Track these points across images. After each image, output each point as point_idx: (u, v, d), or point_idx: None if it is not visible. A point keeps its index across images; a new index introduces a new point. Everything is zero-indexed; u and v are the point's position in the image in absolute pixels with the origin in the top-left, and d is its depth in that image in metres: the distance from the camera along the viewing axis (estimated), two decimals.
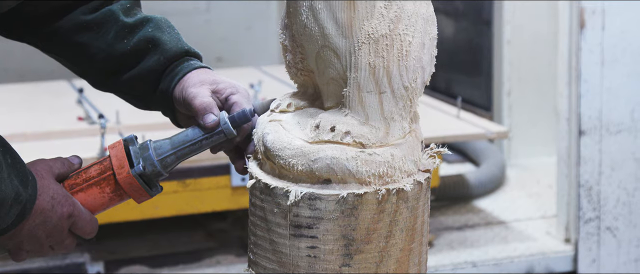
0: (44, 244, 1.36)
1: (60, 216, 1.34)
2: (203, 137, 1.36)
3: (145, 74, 1.45)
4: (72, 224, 1.37)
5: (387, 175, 1.23)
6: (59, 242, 1.37)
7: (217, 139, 1.36)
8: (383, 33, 1.20)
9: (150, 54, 1.45)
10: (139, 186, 1.36)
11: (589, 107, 3.23)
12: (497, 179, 3.98)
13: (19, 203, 1.28)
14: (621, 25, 3.19)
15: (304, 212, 1.23)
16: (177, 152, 1.36)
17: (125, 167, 1.35)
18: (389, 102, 1.23)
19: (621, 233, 3.33)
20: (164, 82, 1.44)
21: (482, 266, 3.26)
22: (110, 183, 1.36)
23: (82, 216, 1.38)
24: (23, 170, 1.30)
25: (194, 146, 1.37)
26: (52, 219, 1.34)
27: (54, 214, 1.34)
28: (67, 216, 1.35)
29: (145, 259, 3.22)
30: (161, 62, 1.44)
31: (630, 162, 3.29)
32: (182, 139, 1.37)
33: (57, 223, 1.34)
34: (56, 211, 1.34)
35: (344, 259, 1.23)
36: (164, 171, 1.37)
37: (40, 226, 1.33)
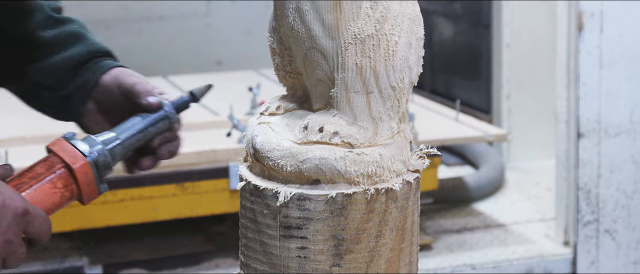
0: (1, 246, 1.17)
1: (15, 213, 1.17)
2: (148, 124, 1.33)
3: (62, 63, 1.38)
4: (28, 224, 1.20)
5: (375, 175, 1.23)
6: (12, 252, 1.18)
7: (162, 126, 1.34)
8: (369, 33, 1.21)
9: (73, 46, 1.39)
10: (93, 178, 1.28)
11: (587, 110, 3.23)
12: (496, 182, 3.99)
13: None
14: (619, 28, 3.20)
15: (293, 213, 1.23)
16: (124, 142, 1.32)
17: (78, 156, 1.27)
18: (377, 102, 1.23)
19: (620, 235, 3.33)
20: (87, 72, 1.38)
21: (481, 268, 3.26)
22: (63, 177, 1.26)
23: (37, 213, 1.21)
24: None
25: (140, 134, 1.33)
26: (6, 217, 1.16)
27: (8, 211, 1.17)
28: (21, 213, 1.18)
29: (144, 262, 3.22)
30: (84, 53, 1.39)
31: (629, 165, 3.29)
32: (127, 127, 1.33)
33: (11, 223, 1.17)
34: (9, 207, 1.17)
35: (334, 259, 1.24)
36: (113, 163, 1.31)
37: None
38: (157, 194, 3.04)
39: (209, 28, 4.97)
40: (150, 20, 4.85)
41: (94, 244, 3.33)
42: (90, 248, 3.28)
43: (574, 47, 3.21)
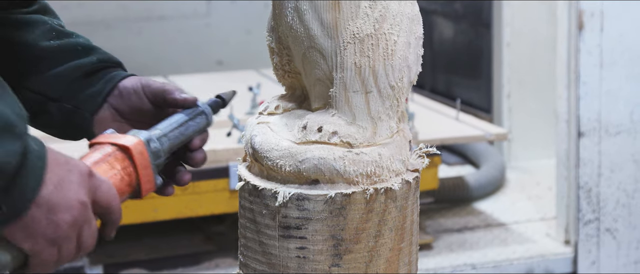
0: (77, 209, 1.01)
1: (81, 172, 1.02)
2: (188, 118, 1.26)
3: (70, 72, 1.30)
4: (96, 190, 1.06)
5: (375, 174, 1.23)
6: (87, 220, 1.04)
7: (200, 122, 1.28)
8: (368, 33, 1.21)
9: (81, 56, 1.32)
10: (149, 161, 1.17)
11: (588, 109, 3.23)
12: (496, 181, 3.98)
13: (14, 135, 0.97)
14: (620, 27, 3.19)
15: (292, 213, 1.23)
16: (168, 134, 1.23)
17: (129, 138, 1.17)
18: (376, 101, 1.23)
19: (621, 234, 3.32)
20: (100, 81, 1.30)
21: (481, 268, 3.26)
22: (119, 158, 1.15)
23: (102, 179, 1.08)
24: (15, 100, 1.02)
25: (182, 127, 1.25)
26: (74, 174, 1.02)
27: (75, 169, 1.02)
28: (87, 173, 1.04)
29: (144, 262, 3.22)
30: (94, 62, 1.32)
31: (630, 164, 3.29)
32: (167, 123, 1.25)
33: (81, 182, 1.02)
34: (75, 166, 1.02)
35: (333, 259, 1.23)
36: (162, 152, 1.20)
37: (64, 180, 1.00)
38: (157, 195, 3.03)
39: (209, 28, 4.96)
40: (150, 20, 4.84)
41: None
42: None
43: (574, 47, 3.20)
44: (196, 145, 1.28)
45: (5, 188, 0.96)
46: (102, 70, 1.32)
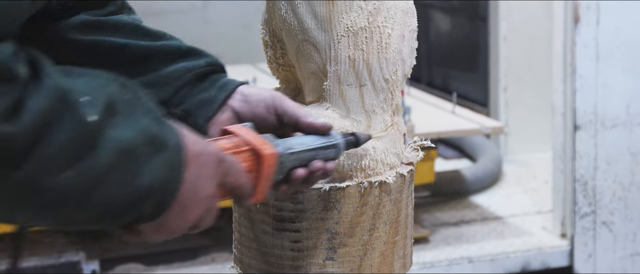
0: (206, 204, 1.01)
1: (212, 161, 1.00)
2: (320, 146, 1.15)
3: (179, 74, 1.22)
4: (226, 174, 1.03)
5: (369, 168, 1.23)
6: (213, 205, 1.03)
7: (330, 153, 1.16)
8: (362, 26, 1.20)
9: (188, 59, 1.23)
10: (272, 175, 1.10)
11: (584, 102, 3.23)
12: (493, 175, 3.99)
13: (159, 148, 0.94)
14: (616, 21, 3.19)
15: (287, 206, 1.23)
16: (299, 154, 1.13)
17: (268, 145, 1.10)
18: (370, 95, 1.23)
19: (617, 227, 3.33)
20: (213, 87, 1.22)
21: (478, 261, 3.26)
22: (249, 159, 1.09)
23: (233, 161, 1.05)
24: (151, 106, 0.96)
25: (313, 152, 1.14)
26: (207, 167, 1.00)
27: (208, 160, 1.00)
28: (217, 160, 1.01)
29: (140, 257, 3.22)
30: (202, 65, 1.23)
31: (626, 157, 3.29)
32: (299, 142, 1.14)
33: (212, 172, 1.00)
34: (206, 156, 1.00)
35: (327, 253, 1.23)
36: (285, 171, 1.13)
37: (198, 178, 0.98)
38: None
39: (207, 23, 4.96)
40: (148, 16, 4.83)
41: (91, 239, 3.32)
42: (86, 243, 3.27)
43: (570, 40, 3.20)
44: (315, 167, 1.15)
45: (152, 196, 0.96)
46: (211, 74, 1.25)
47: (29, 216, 0.90)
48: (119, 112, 0.90)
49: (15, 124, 0.82)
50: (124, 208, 0.93)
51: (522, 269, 3.32)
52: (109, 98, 0.89)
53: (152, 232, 0.99)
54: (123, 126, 0.90)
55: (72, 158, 0.86)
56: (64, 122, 0.85)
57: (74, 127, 0.85)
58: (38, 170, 0.85)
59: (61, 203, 0.89)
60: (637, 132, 3.28)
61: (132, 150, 0.90)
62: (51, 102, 0.84)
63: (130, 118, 0.91)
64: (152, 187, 0.93)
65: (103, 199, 0.90)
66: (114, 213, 0.93)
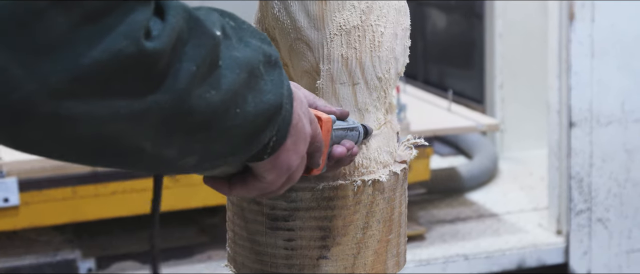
0: (308, 143, 1.00)
1: (305, 101, 1.01)
2: (349, 127, 1.16)
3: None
4: (311, 118, 1.03)
5: (362, 166, 1.23)
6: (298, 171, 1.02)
7: (354, 135, 1.17)
8: (355, 24, 1.21)
9: None
10: (328, 142, 1.09)
11: (579, 99, 3.23)
12: (489, 172, 3.99)
13: (275, 65, 0.95)
14: (611, 17, 3.20)
15: (280, 204, 1.23)
16: (336, 131, 1.13)
17: (323, 113, 1.10)
18: (363, 93, 1.23)
19: (612, 224, 3.33)
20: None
21: (473, 259, 3.27)
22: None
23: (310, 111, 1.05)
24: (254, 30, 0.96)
25: (342, 131, 1.15)
26: (303, 103, 1.00)
27: (302, 96, 1.01)
28: (307, 102, 1.02)
29: (137, 255, 3.22)
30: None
31: (621, 154, 3.30)
32: (335, 123, 1.14)
33: (307, 110, 1.01)
34: (299, 92, 1.01)
35: (321, 251, 1.24)
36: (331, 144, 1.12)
37: (299, 109, 0.98)
38: (150, 187, 3.04)
39: None
40: None
41: (87, 237, 3.33)
42: (82, 241, 3.28)
43: (565, 37, 3.20)
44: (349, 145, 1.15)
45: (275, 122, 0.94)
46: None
47: (182, 148, 0.86)
48: (230, 36, 0.89)
49: (156, 42, 0.78)
50: (258, 129, 0.92)
51: (517, 267, 3.32)
52: (219, 22, 0.88)
53: (270, 171, 0.97)
54: (239, 47, 0.89)
55: (210, 75, 0.85)
56: (198, 39, 0.83)
57: (207, 42, 0.84)
58: (184, 89, 0.82)
59: (207, 126, 0.86)
60: (633, 129, 3.28)
61: (256, 67, 0.90)
62: (183, 19, 0.82)
63: (242, 41, 0.90)
64: (278, 103, 0.93)
65: (241, 118, 0.89)
66: (250, 136, 0.92)
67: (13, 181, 2.87)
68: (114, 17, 0.76)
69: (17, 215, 2.91)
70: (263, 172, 0.98)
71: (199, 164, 0.92)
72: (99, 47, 0.75)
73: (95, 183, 2.98)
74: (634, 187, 3.33)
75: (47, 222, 3.00)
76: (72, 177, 2.95)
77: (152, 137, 0.83)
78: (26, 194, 2.91)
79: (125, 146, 0.82)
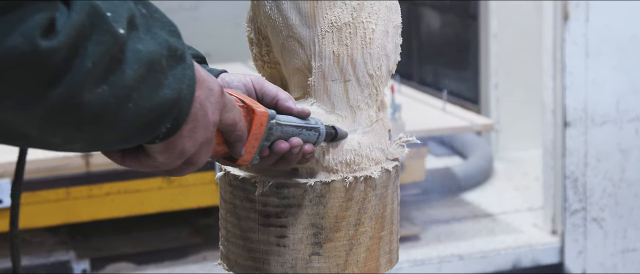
0: (210, 130, 1.01)
1: (217, 90, 1.01)
2: (303, 124, 1.16)
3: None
4: (224, 108, 1.03)
5: (354, 163, 1.23)
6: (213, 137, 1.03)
7: (311, 136, 1.18)
8: (346, 21, 1.21)
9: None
10: (261, 135, 1.10)
11: (573, 99, 3.23)
12: (484, 172, 3.99)
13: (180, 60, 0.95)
14: (605, 17, 3.20)
15: (272, 201, 1.23)
16: (283, 127, 1.14)
17: (259, 105, 1.11)
18: (355, 90, 1.23)
19: (607, 224, 3.34)
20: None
21: (469, 259, 3.27)
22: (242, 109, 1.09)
23: (229, 98, 1.05)
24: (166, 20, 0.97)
25: (296, 129, 1.16)
26: (213, 92, 1.01)
27: (213, 86, 1.01)
28: (221, 91, 1.02)
29: (131, 256, 3.22)
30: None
31: (616, 153, 3.30)
32: (286, 119, 1.15)
33: (218, 98, 1.01)
34: (212, 82, 1.01)
35: (313, 247, 1.24)
36: (272, 138, 1.13)
37: (206, 100, 0.99)
38: (143, 188, 3.04)
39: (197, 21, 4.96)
40: None
41: (81, 238, 3.32)
42: (77, 242, 3.27)
43: (559, 37, 3.21)
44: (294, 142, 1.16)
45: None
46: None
47: (67, 137, 0.89)
48: (138, 26, 0.90)
49: (53, 39, 0.81)
50: (151, 122, 0.93)
51: (513, 266, 3.32)
52: (129, 12, 0.89)
53: (161, 153, 0.99)
54: (145, 40, 0.91)
55: (107, 71, 0.86)
56: (98, 36, 0.85)
57: (107, 40, 0.85)
58: (76, 85, 0.84)
59: (97, 120, 0.88)
60: (627, 128, 3.29)
61: (157, 62, 0.91)
62: (85, 16, 0.84)
63: (149, 32, 0.92)
64: (175, 98, 0.94)
65: (134, 112, 0.90)
66: (142, 128, 0.93)
67: (6, 182, 2.87)
68: (14, 15, 0.79)
69: None
70: (154, 153, 0.99)
71: (88, 148, 0.95)
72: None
73: (89, 184, 2.98)
74: (629, 187, 3.33)
75: (41, 223, 3.00)
76: (65, 178, 2.95)
77: (38, 127, 0.86)
78: None
79: (11, 131, 0.86)
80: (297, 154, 1.16)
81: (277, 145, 1.14)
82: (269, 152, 1.14)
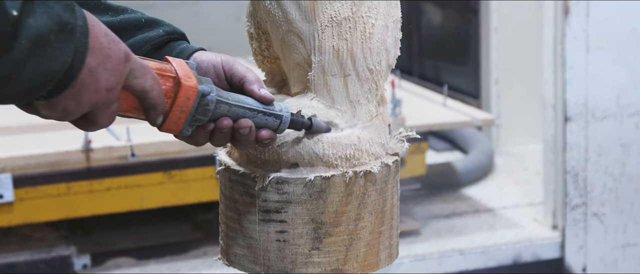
0: (102, 94, 1.06)
1: (119, 57, 1.06)
2: (262, 109, 1.18)
3: (139, 45, 1.27)
4: (131, 73, 1.08)
5: (354, 158, 1.23)
6: (110, 100, 1.07)
7: (270, 121, 1.19)
8: (346, 16, 1.20)
9: (148, 30, 1.28)
10: (189, 109, 1.14)
11: (574, 94, 3.23)
12: (485, 167, 3.99)
13: (69, 33, 1.00)
14: (605, 12, 3.19)
15: (272, 196, 1.23)
16: (232, 107, 1.17)
17: (193, 79, 1.14)
18: (354, 85, 1.23)
19: (608, 218, 3.33)
20: (172, 54, 1.26)
21: (469, 254, 3.27)
22: (168, 83, 1.13)
23: (139, 62, 1.09)
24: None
25: (250, 113, 1.18)
26: (111, 59, 1.05)
27: (113, 53, 1.05)
28: (124, 58, 1.06)
29: (131, 251, 3.22)
30: (161, 34, 1.27)
31: (616, 148, 3.30)
32: (239, 98, 1.18)
33: (117, 66, 1.06)
34: (114, 50, 1.05)
35: (313, 242, 1.23)
36: (211, 113, 1.16)
37: (100, 66, 1.04)
38: (144, 183, 3.04)
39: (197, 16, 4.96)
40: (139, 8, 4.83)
41: (82, 233, 3.32)
42: (77, 237, 3.27)
43: (560, 31, 3.20)
44: (241, 123, 1.18)
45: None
46: (170, 42, 1.29)
47: None
48: (34, 1, 0.97)
49: None
50: (35, 89, 1.00)
51: (513, 261, 3.32)
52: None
53: (44, 108, 1.05)
54: (38, 14, 0.97)
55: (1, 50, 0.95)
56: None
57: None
58: None
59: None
60: (628, 123, 3.28)
61: (46, 36, 0.98)
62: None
63: (44, 6, 0.98)
64: (60, 69, 1.00)
65: (20, 82, 0.98)
66: (27, 93, 1.01)
67: (7, 177, 2.87)
68: None
69: (11, 211, 2.91)
70: (38, 107, 1.06)
71: None
72: None
73: (90, 179, 2.98)
74: (630, 181, 3.33)
75: (42, 218, 3.00)
76: (66, 173, 2.95)
77: None
78: (20, 190, 2.90)
79: None
80: (246, 135, 1.18)
81: (220, 122, 1.17)
82: (213, 127, 1.17)
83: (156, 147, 3.03)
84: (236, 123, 1.17)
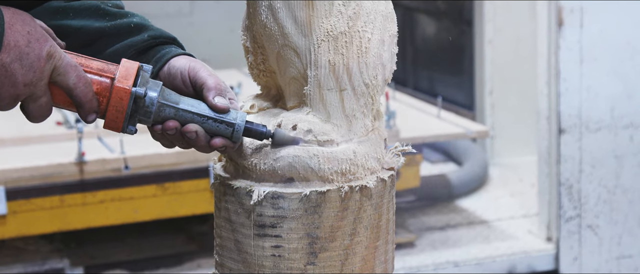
0: (20, 88, 1.15)
1: (38, 55, 1.15)
2: (212, 116, 1.22)
3: (123, 50, 1.32)
4: (54, 71, 1.17)
5: (349, 172, 1.23)
6: (35, 94, 1.17)
7: (222, 129, 1.22)
8: (342, 30, 1.20)
9: (134, 34, 1.33)
10: (124, 108, 1.20)
11: (568, 106, 3.23)
12: (479, 179, 3.99)
13: None
14: (599, 24, 3.20)
15: (267, 211, 1.23)
16: (179, 112, 1.22)
17: (129, 81, 1.20)
18: (350, 99, 1.23)
19: (602, 230, 3.33)
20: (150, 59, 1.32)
21: (464, 265, 3.26)
22: (105, 84, 1.21)
23: (65, 61, 1.18)
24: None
25: (199, 118, 1.22)
26: (28, 56, 1.15)
27: (31, 51, 1.15)
28: (46, 56, 1.16)
29: (125, 263, 3.21)
30: (145, 39, 1.32)
31: (610, 160, 3.30)
32: (190, 103, 1.23)
33: (35, 63, 1.15)
34: (33, 48, 1.15)
35: (308, 257, 1.23)
36: (152, 117, 1.22)
37: (15, 62, 1.14)
38: (138, 195, 3.03)
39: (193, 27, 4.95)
40: None
41: (75, 245, 3.31)
42: (71, 250, 3.26)
43: (554, 43, 3.21)
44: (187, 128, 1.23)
45: None
46: (154, 47, 1.33)
47: None
48: None
49: None
50: None
51: (508, 273, 3.32)
52: None
53: None
54: None
55: None
56: None
57: None
58: None
59: None
60: (622, 135, 3.29)
61: None
62: None
63: None
64: None
65: None
66: None
67: (0, 190, 2.86)
68: None
69: (4, 224, 2.90)
70: None
71: None
72: None
73: (83, 192, 2.97)
74: (624, 193, 3.33)
75: (35, 231, 2.99)
76: (59, 186, 2.94)
77: None
78: (14, 203, 2.89)
79: None
80: (194, 139, 1.23)
81: (166, 124, 1.22)
82: (162, 131, 1.23)
83: (150, 160, 3.02)
84: (183, 127, 1.22)
